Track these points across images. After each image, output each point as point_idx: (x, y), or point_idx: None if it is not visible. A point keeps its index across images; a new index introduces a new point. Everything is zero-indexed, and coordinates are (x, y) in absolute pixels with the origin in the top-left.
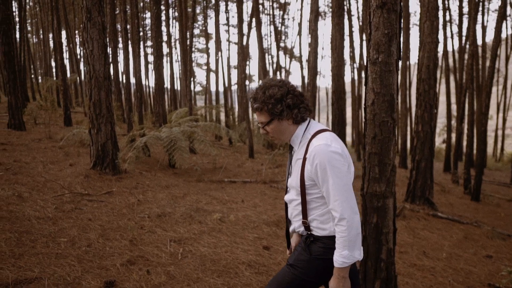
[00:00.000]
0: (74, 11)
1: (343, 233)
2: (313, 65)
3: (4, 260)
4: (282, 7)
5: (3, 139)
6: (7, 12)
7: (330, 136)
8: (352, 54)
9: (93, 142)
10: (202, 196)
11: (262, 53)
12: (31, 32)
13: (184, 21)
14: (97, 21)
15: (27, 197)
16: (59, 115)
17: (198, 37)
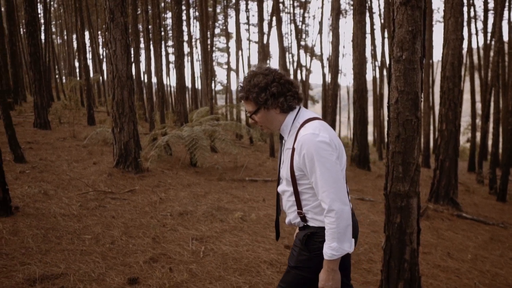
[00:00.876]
0: (97, 12)
1: (332, 224)
2: (334, 64)
3: (31, 256)
4: (303, 5)
5: (30, 138)
6: (33, 14)
7: (319, 124)
8: (374, 52)
9: (116, 141)
10: (223, 194)
11: (282, 52)
12: (56, 33)
13: (204, 20)
14: (119, 22)
15: (52, 194)
16: (82, 114)
17: (218, 37)
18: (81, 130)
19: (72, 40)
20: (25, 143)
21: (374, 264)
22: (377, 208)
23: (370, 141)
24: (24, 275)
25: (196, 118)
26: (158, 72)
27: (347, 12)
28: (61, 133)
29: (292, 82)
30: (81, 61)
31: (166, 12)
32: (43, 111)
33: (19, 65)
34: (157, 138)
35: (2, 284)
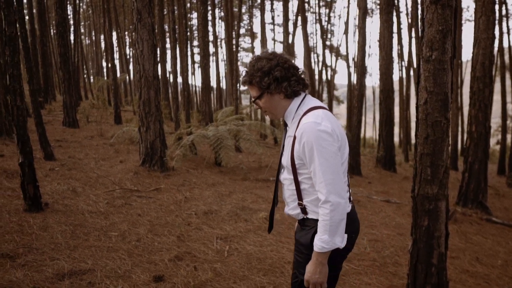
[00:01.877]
0: (124, 13)
1: (326, 216)
2: (360, 64)
3: (60, 251)
4: (328, 5)
5: (59, 136)
6: (63, 15)
7: (323, 113)
8: (401, 52)
9: (142, 140)
10: (247, 194)
11: (307, 52)
12: (84, 34)
13: (230, 20)
14: (147, 22)
15: (80, 192)
16: (109, 113)
17: (243, 37)
18: (108, 129)
19: (100, 41)
20: (55, 141)
21: (400, 267)
22: (403, 210)
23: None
24: (53, 270)
25: (221, 118)
26: (183, 72)
27: (374, 11)
28: (88, 132)
29: (297, 67)
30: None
31: (192, 12)
32: (71, 110)
33: (49, 65)
34: (182, 137)
35: (33, 278)
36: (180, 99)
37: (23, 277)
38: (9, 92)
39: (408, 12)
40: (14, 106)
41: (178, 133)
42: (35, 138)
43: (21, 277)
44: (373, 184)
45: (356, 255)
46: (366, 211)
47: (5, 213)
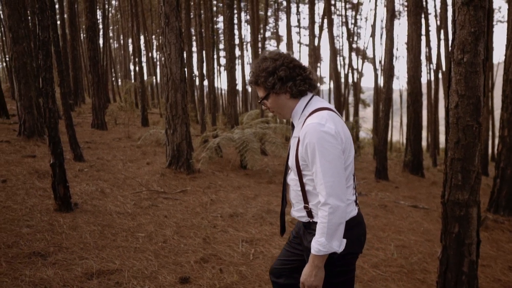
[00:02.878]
0: (151, 17)
1: (324, 218)
2: (388, 67)
3: (89, 251)
4: (355, 7)
5: (88, 138)
6: (93, 20)
7: (327, 115)
8: (429, 54)
9: (169, 142)
10: (273, 197)
11: (334, 55)
12: (112, 38)
13: (255, 23)
14: (174, 26)
15: (108, 192)
16: (136, 116)
17: (269, 40)
18: (135, 131)
19: (127, 44)
20: (84, 143)
21: (428, 274)
22: (432, 216)
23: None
24: (82, 269)
25: (247, 121)
26: (209, 75)
27: (401, 13)
28: (116, 134)
29: (304, 67)
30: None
31: (218, 16)
32: (100, 112)
33: (79, 69)
34: (208, 140)
35: (63, 277)
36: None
37: (53, 276)
38: (41, 95)
39: (436, 14)
40: (46, 108)
41: (204, 135)
42: (65, 139)
43: (52, 275)
44: (400, 189)
45: (383, 261)
46: (393, 216)
47: (37, 213)
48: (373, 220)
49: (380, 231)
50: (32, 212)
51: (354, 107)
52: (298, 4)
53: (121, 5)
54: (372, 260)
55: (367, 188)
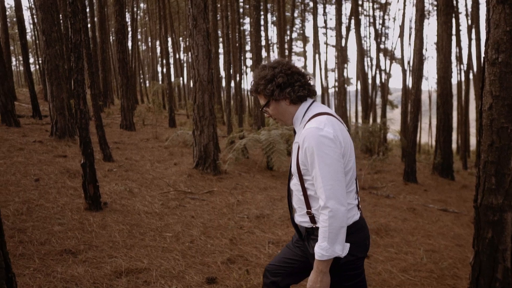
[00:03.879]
0: (179, 19)
1: (325, 222)
2: (417, 67)
3: (118, 250)
4: (383, 7)
5: (116, 138)
6: (122, 23)
7: (326, 119)
8: (459, 54)
9: (196, 143)
10: None
11: (361, 56)
12: (141, 40)
13: (282, 25)
14: (202, 28)
15: (137, 192)
16: (164, 117)
17: (295, 41)
18: (163, 132)
19: (155, 46)
20: (113, 143)
21: (459, 280)
22: (462, 220)
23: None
24: (111, 267)
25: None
26: (236, 76)
27: (430, 13)
28: (144, 134)
29: (302, 73)
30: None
31: (244, 17)
32: (129, 114)
33: (108, 70)
34: (234, 141)
35: (93, 274)
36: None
37: (83, 273)
38: (73, 96)
39: (467, 13)
40: (78, 109)
41: (231, 136)
42: (95, 140)
43: (82, 272)
44: (429, 192)
45: (412, 266)
46: (422, 220)
47: (68, 211)
48: (402, 223)
49: (409, 234)
50: (64, 210)
51: (381, 108)
52: (324, 5)
53: (149, 8)
54: (401, 265)
55: (395, 191)
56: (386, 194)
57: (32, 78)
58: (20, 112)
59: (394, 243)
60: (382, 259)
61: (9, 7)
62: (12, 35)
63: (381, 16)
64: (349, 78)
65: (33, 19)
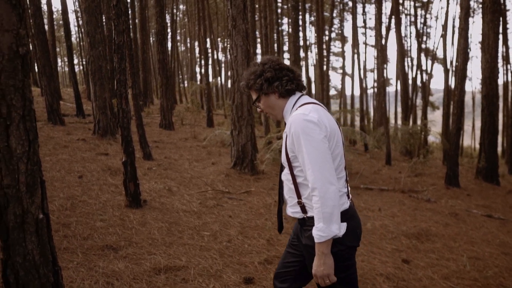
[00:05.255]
0: (217, 20)
1: (317, 204)
2: (461, 67)
3: (157, 247)
4: (425, 6)
5: (156, 137)
6: (162, 24)
7: (312, 107)
8: (506, 54)
9: (234, 143)
10: None
11: (401, 56)
12: (180, 41)
13: (320, 25)
14: (241, 28)
15: (175, 191)
16: (202, 117)
17: (333, 41)
18: (201, 132)
19: (194, 47)
20: (152, 142)
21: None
22: (509, 227)
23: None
24: (151, 264)
25: None
26: None
27: (475, 11)
28: (183, 134)
29: (290, 68)
30: (202, 66)
31: (283, 18)
32: (168, 113)
33: (148, 71)
34: (272, 141)
35: (133, 270)
36: None
37: (124, 269)
38: (115, 96)
39: None
40: (120, 109)
41: (268, 137)
42: (135, 138)
43: (123, 268)
44: (472, 197)
45: (455, 273)
46: (465, 226)
47: (109, 208)
48: (443, 228)
49: (451, 240)
50: (105, 207)
51: (422, 110)
52: (364, 4)
53: (188, 9)
54: (443, 271)
55: (436, 195)
56: (426, 198)
57: (76, 79)
58: (64, 111)
59: (435, 249)
60: (423, 265)
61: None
62: (58, 37)
63: (423, 15)
64: (388, 79)
65: (77, 22)
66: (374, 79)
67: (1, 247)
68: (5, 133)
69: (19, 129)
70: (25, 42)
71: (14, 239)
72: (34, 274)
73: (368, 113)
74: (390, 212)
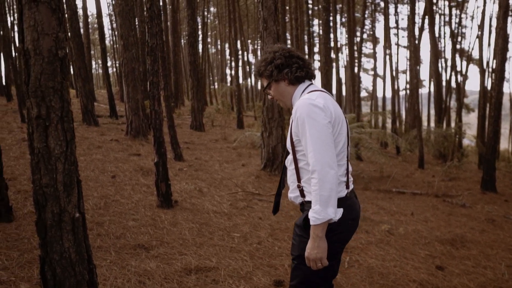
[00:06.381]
0: (247, 22)
1: (315, 186)
2: (499, 68)
3: (188, 248)
4: (460, 5)
5: (187, 139)
6: (193, 27)
7: (319, 94)
8: None
9: (264, 144)
10: (368, 204)
11: (435, 57)
12: (210, 43)
13: (351, 26)
14: (272, 30)
15: (206, 192)
16: (232, 118)
17: (365, 42)
18: (231, 133)
19: (224, 49)
20: (183, 143)
21: None
22: None
23: None
24: (182, 264)
25: None
26: None
27: None
28: (213, 135)
29: (301, 56)
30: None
31: (313, 19)
32: (198, 115)
33: (179, 73)
34: None
35: (164, 270)
36: None
37: (155, 268)
38: (147, 97)
39: None
40: (153, 110)
41: None
42: (166, 139)
43: (154, 267)
44: (510, 203)
45: (492, 281)
46: (503, 233)
47: (141, 208)
48: (479, 235)
49: (487, 247)
50: (137, 206)
51: (456, 112)
52: (396, 5)
53: (219, 11)
54: (479, 279)
55: (472, 200)
56: (461, 203)
57: (110, 80)
58: (98, 112)
59: (471, 256)
60: (458, 272)
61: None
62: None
63: (458, 15)
64: (421, 80)
65: (111, 25)
66: (406, 80)
67: (39, 244)
68: (44, 133)
69: (57, 130)
70: (63, 45)
71: (52, 237)
72: (70, 271)
73: (400, 115)
74: (423, 217)
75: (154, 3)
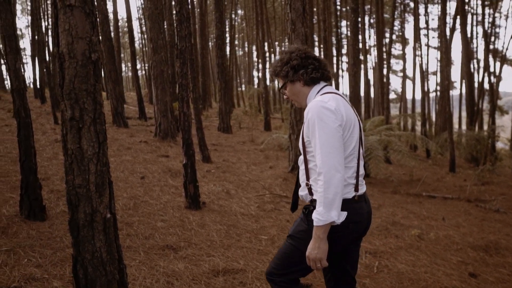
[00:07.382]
0: (275, 24)
1: (320, 188)
2: None
3: (215, 249)
4: (493, 4)
5: (214, 141)
6: (221, 29)
7: (332, 96)
8: None
9: (292, 147)
10: (398, 209)
11: (466, 58)
12: (237, 46)
13: (380, 27)
14: (300, 32)
15: (233, 194)
16: (259, 120)
17: (394, 43)
18: (258, 135)
19: (251, 51)
20: (211, 145)
21: None
22: None
23: None
24: (209, 265)
25: (370, 127)
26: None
27: None
28: (240, 137)
29: (317, 58)
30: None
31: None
32: (226, 117)
33: (207, 75)
34: None
35: (192, 271)
36: None
37: (183, 269)
38: (176, 100)
39: None
40: (181, 112)
41: None
42: (194, 141)
43: (182, 268)
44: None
45: None
46: None
47: (170, 209)
48: None
49: None
50: (166, 208)
51: (489, 114)
52: (426, 5)
53: (246, 14)
54: None
55: (506, 205)
56: (495, 208)
57: (139, 83)
58: (128, 114)
59: (506, 263)
60: (492, 280)
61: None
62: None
63: (491, 14)
64: (452, 82)
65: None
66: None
67: (71, 243)
68: (78, 135)
69: (90, 132)
70: (96, 49)
71: (84, 236)
72: (102, 271)
73: (430, 118)
74: (454, 222)
75: (183, 6)
